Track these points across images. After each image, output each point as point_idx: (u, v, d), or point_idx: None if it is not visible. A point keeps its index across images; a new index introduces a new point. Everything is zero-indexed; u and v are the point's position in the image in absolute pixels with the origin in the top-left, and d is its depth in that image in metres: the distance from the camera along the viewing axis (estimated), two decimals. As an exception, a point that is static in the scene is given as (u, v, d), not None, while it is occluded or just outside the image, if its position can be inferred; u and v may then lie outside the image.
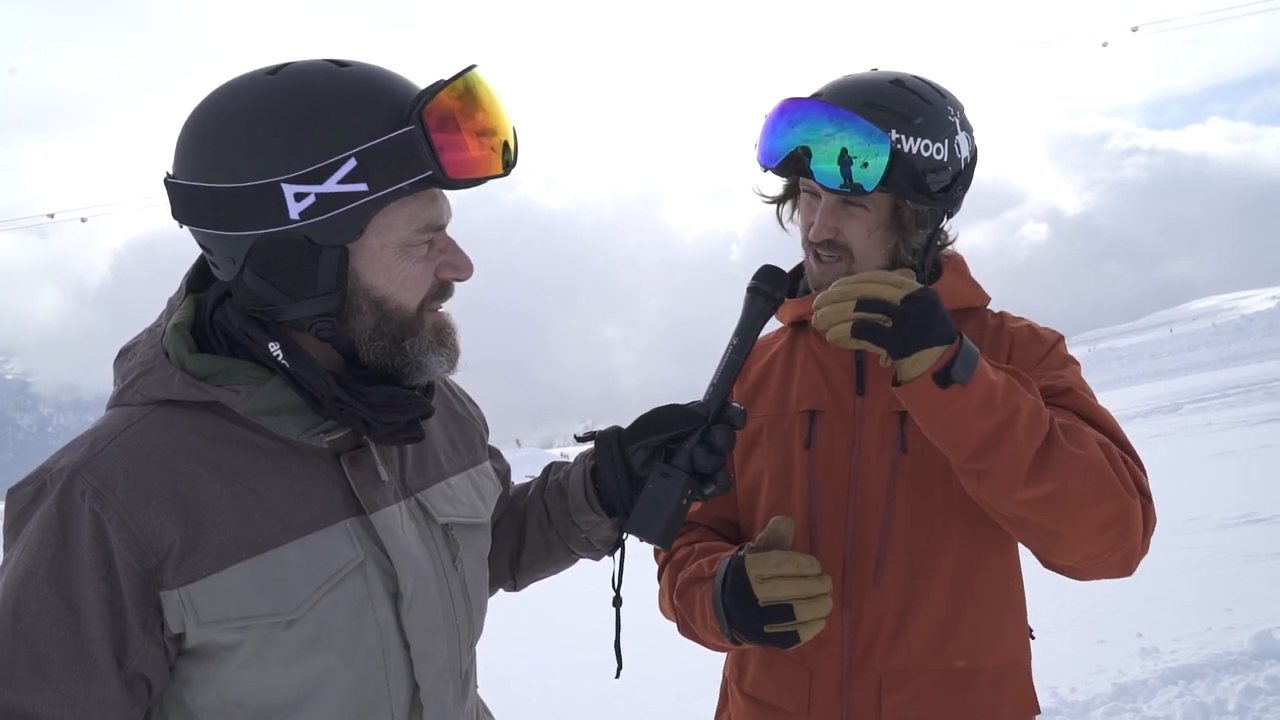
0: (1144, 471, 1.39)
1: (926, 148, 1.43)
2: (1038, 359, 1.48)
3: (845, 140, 1.39)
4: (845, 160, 1.40)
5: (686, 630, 1.55)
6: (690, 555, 1.57)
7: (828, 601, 1.34)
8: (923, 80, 1.49)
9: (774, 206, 1.64)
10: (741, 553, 1.40)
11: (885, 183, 1.40)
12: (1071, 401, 1.42)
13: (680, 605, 1.53)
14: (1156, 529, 1.38)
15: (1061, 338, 1.53)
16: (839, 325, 1.28)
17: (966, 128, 1.51)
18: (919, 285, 1.28)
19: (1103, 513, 1.30)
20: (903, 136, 1.41)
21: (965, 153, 1.50)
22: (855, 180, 1.40)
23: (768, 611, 1.33)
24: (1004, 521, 1.37)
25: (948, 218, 1.55)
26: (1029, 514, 1.32)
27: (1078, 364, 1.51)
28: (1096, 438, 1.34)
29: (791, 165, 1.45)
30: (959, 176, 1.49)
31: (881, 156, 1.39)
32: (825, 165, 1.41)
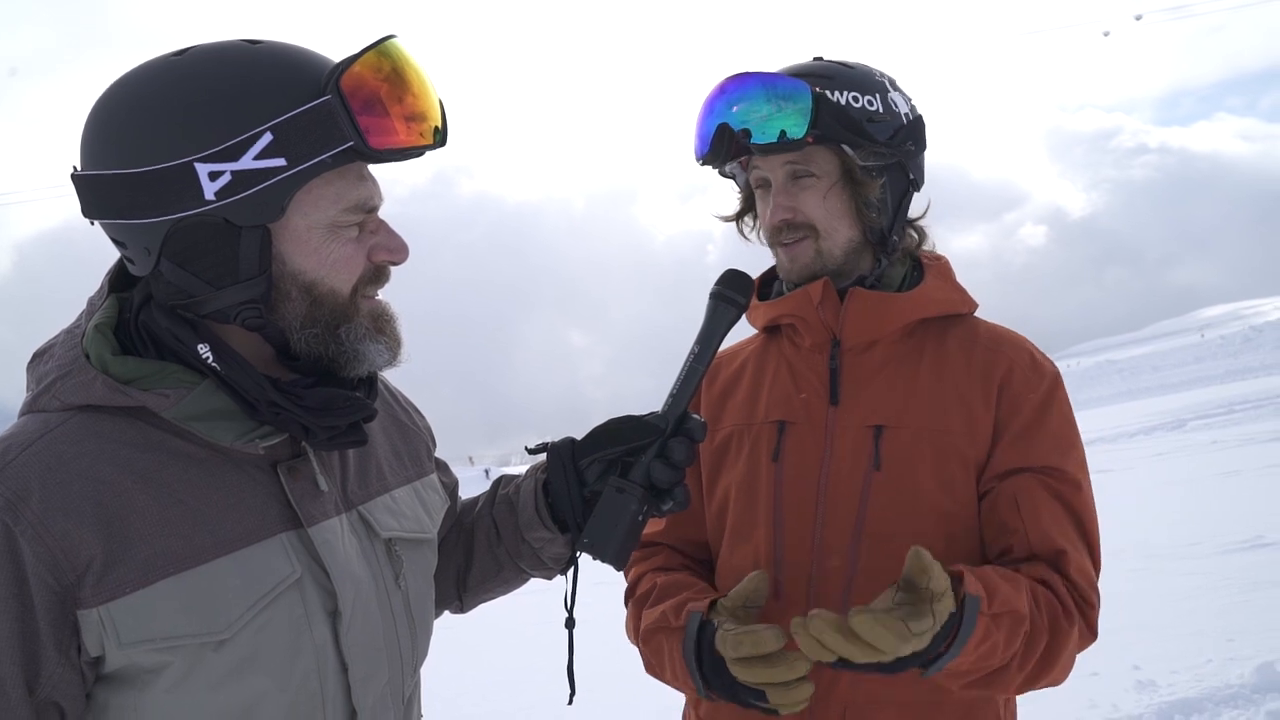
0: (1097, 595, 1.52)
1: (855, 99, 1.53)
2: (1036, 405, 1.53)
3: (767, 100, 1.50)
4: (774, 120, 1.50)
5: (654, 673, 1.58)
6: (652, 591, 1.60)
7: (806, 687, 1.33)
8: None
9: (735, 225, 1.72)
10: (713, 623, 1.42)
11: (816, 127, 1.49)
12: (1065, 493, 1.51)
13: (647, 651, 1.57)
14: (1156, 554, 1.52)
15: (1058, 373, 1.59)
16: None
17: (900, 92, 1.61)
18: (928, 637, 1.27)
19: (1066, 672, 1.50)
20: (825, 92, 1.51)
21: (904, 109, 1.59)
22: (785, 128, 1.49)
23: (746, 687, 1.36)
24: None
25: (914, 189, 1.62)
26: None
27: (1069, 406, 1.58)
28: (1070, 594, 1.47)
29: (723, 147, 1.53)
30: (903, 130, 1.57)
31: (804, 101, 1.49)
32: (755, 129, 1.50)
